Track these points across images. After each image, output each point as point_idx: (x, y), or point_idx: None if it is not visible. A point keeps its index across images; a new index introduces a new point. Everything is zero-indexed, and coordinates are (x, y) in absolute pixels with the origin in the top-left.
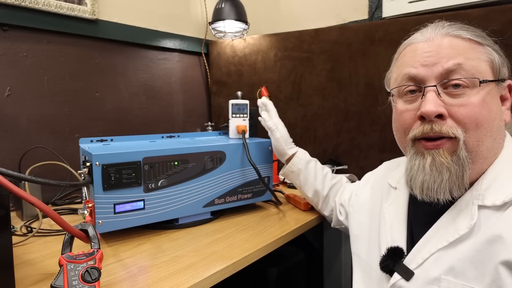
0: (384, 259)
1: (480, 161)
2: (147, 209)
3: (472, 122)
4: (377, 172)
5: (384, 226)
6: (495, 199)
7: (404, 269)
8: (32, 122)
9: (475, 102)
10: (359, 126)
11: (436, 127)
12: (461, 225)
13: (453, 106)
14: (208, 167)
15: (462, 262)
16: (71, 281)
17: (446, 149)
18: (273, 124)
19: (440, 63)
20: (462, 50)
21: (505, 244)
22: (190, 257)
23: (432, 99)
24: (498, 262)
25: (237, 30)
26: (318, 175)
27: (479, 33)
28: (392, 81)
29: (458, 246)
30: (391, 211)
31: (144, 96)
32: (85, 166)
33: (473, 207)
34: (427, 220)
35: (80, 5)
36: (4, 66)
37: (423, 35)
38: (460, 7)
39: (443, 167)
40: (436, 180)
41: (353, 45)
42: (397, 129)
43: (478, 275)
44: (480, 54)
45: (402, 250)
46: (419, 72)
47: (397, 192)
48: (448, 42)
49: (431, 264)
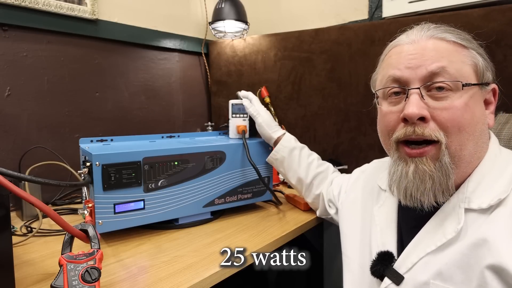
0: (374, 264)
1: (463, 165)
2: (147, 209)
3: (454, 126)
4: (366, 171)
5: (374, 229)
6: (481, 202)
7: (394, 274)
8: (32, 122)
9: (457, 105)
10: (359, 126)
11: (418, 129)
12: (449, 229)
13: (436, 109)
14: (208, 167)
15: (449, 266)
16: (71, 281)
17: (429, 157)
18: (255, 110)
19: (424, 65)
20: (446, 53)
21: (491, 248)
22: (190, 257)
23: (415, 102)
24: (484, 266)
25: (237, 30)
26: (302, 163)
27: (464, 36)
28: (377, 83)
29: (446, 250)
30: (381, 214)
31: (144, 96)
32: (85, 166)
33: (459, 211)
34: (416, 224)
35: (80, 5)
36: (4, 66)
37: (408, 37)
38: (460, 7)
39: (426, 175)
40: (419, 188)
41: (353, 45)
42: (381, 130)
43: (465, 279)
44: (464, 57)
45: (392, 254)
46: (403, 74)
47: (387, 195)
48: (433, 44)
49: (420, 268)
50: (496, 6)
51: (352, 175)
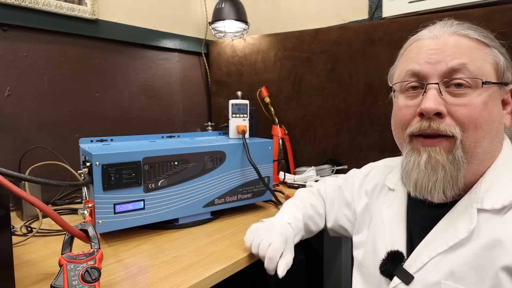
0: (384, 263)
1: (475, 162)
2: (147, 209)
3: (471, 123)
4: (370, 173)
5: (382, 229)
6: (494, 203)
7: (404, 273)
8: (32, 122)
9: (476, 103)
10: (359, 126)
11: (434, 124)
12: (461, 229)
13: (453, 105)
14: (208, 167)
15: (462, 267)
16: (71, 281)
17: (443, 148)
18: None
19: (445, 61)
20: (468, 50)
21: (505, 249)
22: (190, 257)
23: (433, 97)
24: (498, 267)
25: (237, 30)
26: (312, 219)
27: (487, 34)
28: (395, 76)
29: (458, 250)
30: (389, 213)
31: (144, 96)
32: (85, 166)
33: (472, 211)
34: (426, 224)
35: (80, 5)
36: (4, 66)
37: (430, 32)
38: (460, 7)
39: (438, 165)
40: (430, 178)
41: (353, 45)
42: (396, 124)
43: (478, 280)
44: (485, 55)
45: (402, 254)
46: (422, 69)
47: (395, 194)
48: (455, 41)
49: (431, 268)
50: (496, 6)
51: (354, 183)
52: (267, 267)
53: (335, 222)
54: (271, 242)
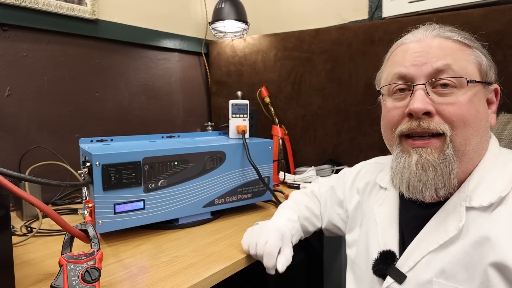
0: (376, 263)
1: (465, 160)
2: (147, 209)
3: (459, 120)
4: (361, 171)
5: (375, 228)
6: (482, 200)
7: (396, 273)
8: (32, 122)
9: (462, 101)
10: (359, 126)
11: (423, 123)
12: (450, 227)
13: (441, 104)
14: (208, 167)
15: (452, 265)
16: (71, 281)
17: (434, 148)
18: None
19: (430, 62)
20: (451, 51)
21: (493, 246)
22: (190, 257)
23: (421, 97)
24: (487, 264)
25: (237, 30)
26: (308, 220)
27: (468, 36)
28: (382, 80)
29: (448, 248)
30: (381, 212)
31: (144, 96)
32: (85, 166)
33: (461, 209)
34: (417, 223)
35: (80, 5)
36: (4, 66)
37: (414, 35)
38: (460, 7)
39: (429, 165)
40: (421, 178)
41: (353, 45)
42: (385, 126)
43: (468, 277)
44: (468, 56)
45: (394, 253)
46: (409, 71)
47: (387, 193)
48: (438, 43)
49: (422, 267)
50: (496, 6)
51: (345, 182)
52: (267, 265)
53: (329, 222)
54: (267, 239)
